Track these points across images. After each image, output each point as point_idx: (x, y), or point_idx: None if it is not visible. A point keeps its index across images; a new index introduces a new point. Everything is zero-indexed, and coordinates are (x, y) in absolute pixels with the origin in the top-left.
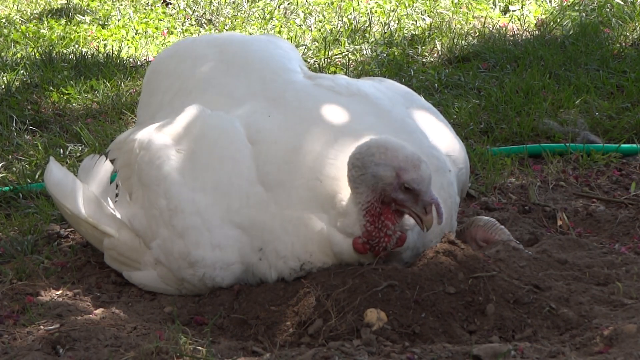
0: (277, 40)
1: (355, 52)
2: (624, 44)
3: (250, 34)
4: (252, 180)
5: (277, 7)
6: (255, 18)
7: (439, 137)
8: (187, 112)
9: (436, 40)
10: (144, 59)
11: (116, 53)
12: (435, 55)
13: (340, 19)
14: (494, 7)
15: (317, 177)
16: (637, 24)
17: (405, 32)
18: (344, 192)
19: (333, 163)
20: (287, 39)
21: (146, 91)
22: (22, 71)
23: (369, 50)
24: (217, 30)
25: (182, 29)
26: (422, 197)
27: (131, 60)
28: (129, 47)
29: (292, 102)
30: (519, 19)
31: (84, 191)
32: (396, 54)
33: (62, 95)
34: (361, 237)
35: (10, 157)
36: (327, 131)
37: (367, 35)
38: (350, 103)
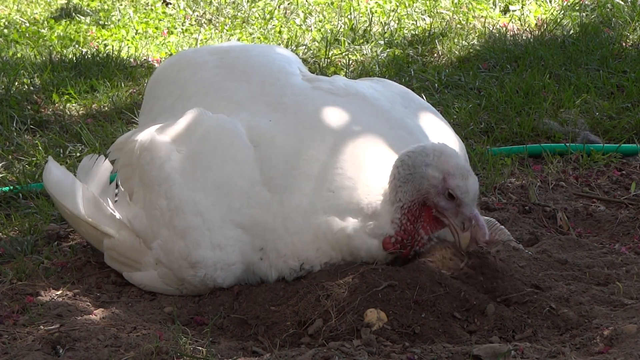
0: (276, 47)
1: (355, 52)
2: (624, 44)
3: (250, 34)
4: (253, 181)
5: (277, 7)
6: (255, 18)
7: (439, 136)
8: (188, 114)
9: (436, 40)
10: (144, 59)
11: (116, 53)
12: (435, 55)
13: (340, 19)
14: (494, 7)
15: (328, 188)
16: (637, 24)
17: (406, 32)
18: (370, 198)
19: (341, 173)
20: (287, 39)
21: (147, 100)
22: (22, 71)
23: (369, 50)
24: (217, 30)
25: (182, 29)
26: (462, 209)
27: (131, 60)
28: (129, 47)
29: (292, 106)
30: (519, 19)
31: (84, 191)
32: (396, 54)
33: (62, 95)
34: (394, 236)
35: (10, 157)
36: (328, 137)
37: (367, 35)
38: (349, 104)
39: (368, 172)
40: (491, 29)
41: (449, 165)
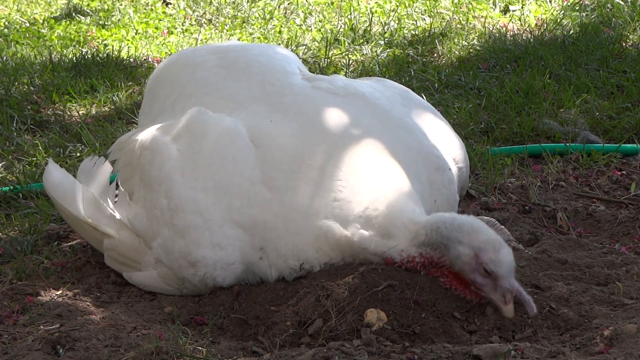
0: (276, 47)
1: (355, 52)
2: (624, 44)
3: (250, 34)
4: (253, 180)
5: (277, 7)
6: (255, 18)
7: (439, 136)
8: (188, 113)
9: (436, 40)
10: (144, 59)
11: (116, 53)
12: (435, 55)
13: (340, 19)
14: (494, 7)
15: (334, 197)
16: (637, 24)
17: (405, 32)
18: (383, 219)
19: (345, 186)
20: (287, 39)
21: (147, 99)
22: (22, 71)
23: (369, 50)
24: (217, 30)
25: (182, 29)
26: (500, 283)
27: (131, 60)
28: (129, 47)
29: (292, 106)
30: (519, 19)
31: (84, 192)
32: (396, 54)
33: (62, 95)
34: (398, 262)
35: (10, 157)
36: (329, 139)
37: (367, 35)
38: (349, 104)
39: (374, 184)
40: (491, 29)
41: (479, 240)
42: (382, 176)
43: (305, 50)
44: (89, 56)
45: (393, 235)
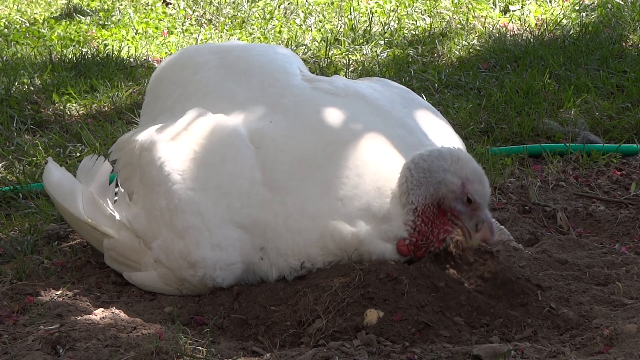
0: (277, 47)
1: (355, 52)
2: (624, 44)
3: (250, 34)
4: (254, 181)
5: (277, 7)
6: (255, 18)
7: (439, 136)
8: (188, 114)
9: (436, 40)
10: (144, 59)
11: (116, 53)
12: (435, 55)
13: (340, 19)
14: (494, 7)
15: (335, 197)
16: (637, 24)
17: (405, 32)
18: (379, 201)
19: (346, 182)
20: (287, 39)
21: (149, 99)
22: (22, 71)
23: (369, 50)
24: (217, 30)
25: (182, 29)
26: (478, 212)
27: (131, 60)
28: (129, 47)
29: (292, 107)
30: (519, 19)
31: (83, 192)
32: (396, 54)
33: (62, 95)
34: (408, 238)
35: (11, 157)
36: (330, 140)
37: (367, 35)
38: (349, 105)
39: (373, 176)
40: (491, 29)
41: (467, 170)
42: (384, 174)
43: (305, 50)
44: (89, 56)
45: (388, 214)
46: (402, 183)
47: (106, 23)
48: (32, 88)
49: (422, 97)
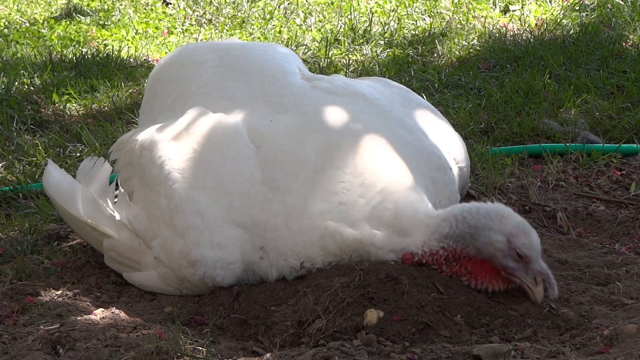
0: (276, 46)
1: (355, 52)
2: (624, 44)
3: (250, 34)
4: (254, 180)
5: (277, 7)
6: (255, 18)
7: (439, 135)
8: (188, 113)
9: (436, 40)
10: (144, 59)
11: (116, 53)
12: (435, 55)
13: (340, 19)
14: (494, 7)
15: (338, 201)
16: (637, 24)
17: (406, 32)
18: (390, 212)
19: (349, 189)
20: (287, 39)
21: (148, 97)
22: (22, 71)
23: (369, 50)
24: (217, 30)
25: (182, 29)
26: (532, 266)
27: (131, 60)
28: (129, 47)
29: (291, 106)
30: (519, 19)
31: (83, 192)
32: (396, 54)
33: (62, 95)
34: (418, 255)
35: (11, 157)
36: (330, 141)
37: (367, 35)
38: (348, 104)
39: (380, 183)
40: (491, 29)
41: (510, 226)
42: (386, 174)
43: (305, 50)
44: (89, 56)
45: (410, 232)
46: (443, 227)
47: (106, 23)
48: (32, 88)
49: (422, 97)
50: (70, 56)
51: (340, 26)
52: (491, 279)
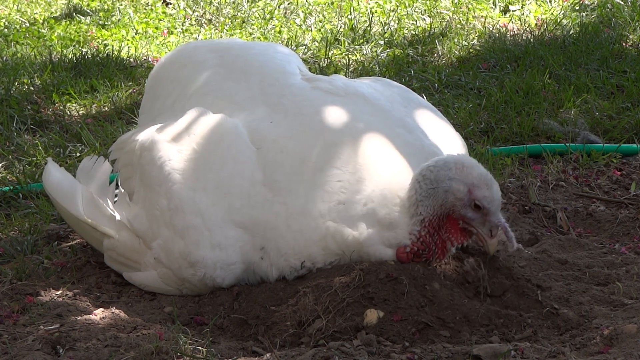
0: (276, 46)
1: (355, 52)
2: (624, 44)
3: (250, 34)
4: (254, 181)
5: (277, 7)
6: (255, 18)
7: (439, 135)
8: (188, 114)
9: (436, 40)
10: (144, 59)
11: (116, 53)
12: (435, 55)
13: (340, 19)
14: (494, 7)
15: (338, 200)
16: (637, 24)
17: (405, 32)
18: (387, 209)
19: (347, 188)
20: (287, 39)
21: (148, 97)
22: (22, 71)
23: (369, 50)
24: (217, 30)
25: (182, 29)
26: (490, 218)
27: (131, 60)
28: (129, 47)
29: (291, 107)
30: (519, 19)
31: (83, 192)
32: (396, 54)
33: (62, 95)
34: (409, 246)
35: (11, 157)
36: (331, 141)
37: (367, 35)
38: (348, 104)
39: (375, 182)
40: (491, 29)
41: (472, 177)
42: (382, 172)
43: (305, 50)
44: (89, 56)
45: (395, 222)
46: (411, 195)
47: (106, 23)
48: (32, 88)
49: (422, 97)
50: (70, 56)
51: (340, 26)
52: (452, 232)
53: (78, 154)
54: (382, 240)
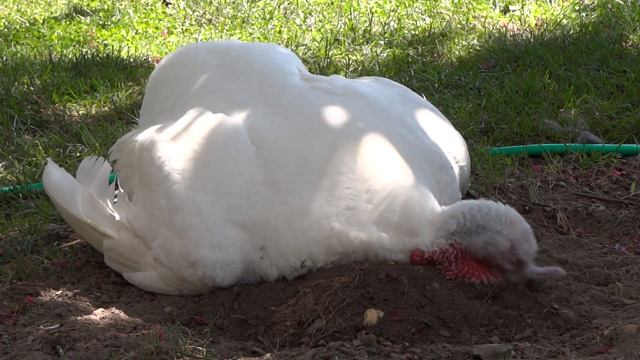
0: (276, 46)
1: (355, 52)
2: (624, 44)
3: (250, 34)
4: (254, 181)
5: (277, 7)
6: (255, 18)
7: (440, 134)
8: (188, 114)
9: (436, 40)
10: (144, 59)
11: (116, 53)
12: (435, 55)
13: (340, 19)
14: (494, 7)
15: (345, 206)
16: (637, 24)
17: (405, 32)
18: (398, 216)
19: (356, 195)
20: (287, 39)
21: (148, 98)
22: (22, 71)
23: (369, 50)
24: (217, 30)
25: (182, 29)
26: (524, 270)
27: (131, 60)
28: (129, 47)
29: (291, 107)
30: (519, 19)
31: (83, 192)
32: (396, 54)
33: (62, 95)
34: (427, 252)
35: (11, 157)
36: (331, 142)
37: (367, 35)
38: (348, 104)
39: (383, 184)
40: (491, 29)
41: (517, 233)
42: (389, 176)
43: (305, 50)
44: (89, 56)
45: (419, 231)
46: (450, 223)
47: (106, 23)
48: (32, 88)
49: (422, 97)
50: (70, 56)
51: (340, 26)
52: (482, 273)
53: (78, 154)
54: (397, 245)
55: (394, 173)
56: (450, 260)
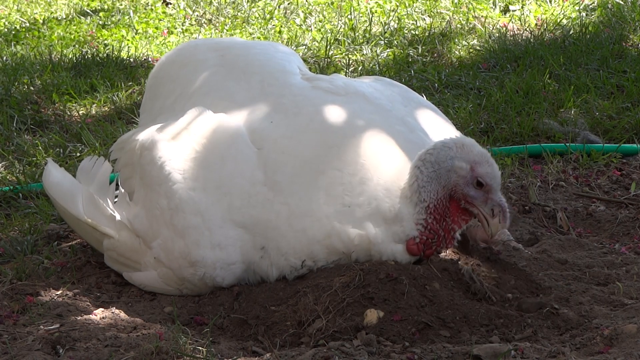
0: (277, 45)
1: (355, 52)
2: (624, 44)
3: (250, 34)
4: (254, 181)
5: (277, 7)
6: (255, 18)
7: (441, 134)
8: (189, 113)
9: (436, 40)
10: (144, 59)
11: (116, 53)
12: (435, 55)
13: (340, 19)
14: (494, 7)
15: (342, 203)
16: (637, 24)
17: (406, 32)
18: (390, 202)
19: (351, 189)
20: (287, 38)
21: (148, 96)
22: (22, 71)
23: (369, 50)
24: (217, 30)
25: (182, 29)
26: (491, 196)
27: (131, 60)
28: (129, 47)
29: (291, 107)
30: (519, 19)
31: (83, 192)
32: (396, 54)
33: (62, 95)
34: (418, 236)
35: (11, 157)
36: (331, 141)
37: (367, 35)
38: (349, 104)
39: (378, 179)
40: (491, 29)
41: (473, 154)
42: (385, 169)
43: (305, 50)
44: (89, 56)
45: (399, 214)
46: (412, 183)
47: (106, 23)
48: (32, 88)
49: (422, 97)
50: (70, 56)
51: (340, 26)
52: (455, 214)
53: (78, 154)
54: (391, 237)
55: (394, 169)
56: (437, 230)
